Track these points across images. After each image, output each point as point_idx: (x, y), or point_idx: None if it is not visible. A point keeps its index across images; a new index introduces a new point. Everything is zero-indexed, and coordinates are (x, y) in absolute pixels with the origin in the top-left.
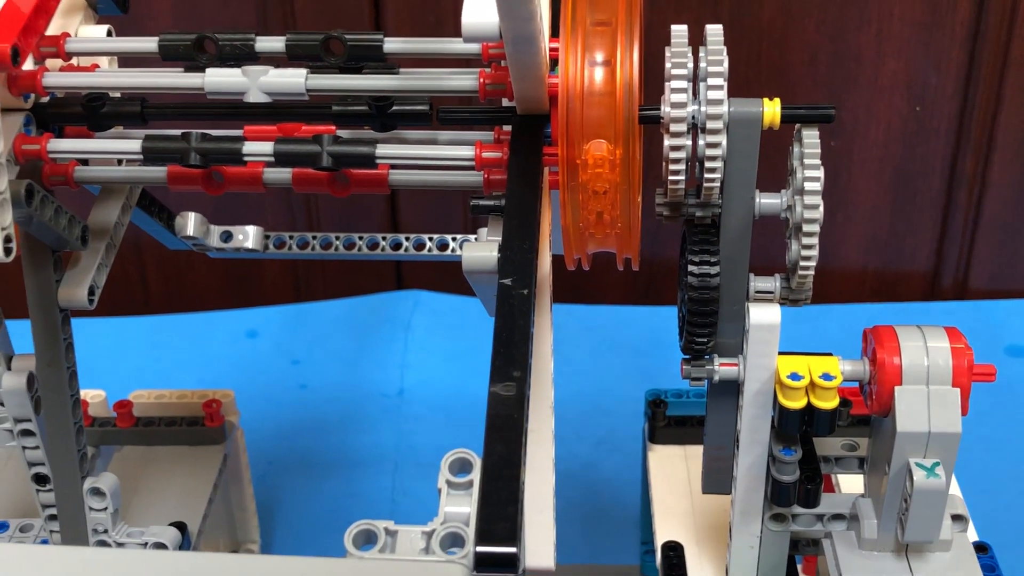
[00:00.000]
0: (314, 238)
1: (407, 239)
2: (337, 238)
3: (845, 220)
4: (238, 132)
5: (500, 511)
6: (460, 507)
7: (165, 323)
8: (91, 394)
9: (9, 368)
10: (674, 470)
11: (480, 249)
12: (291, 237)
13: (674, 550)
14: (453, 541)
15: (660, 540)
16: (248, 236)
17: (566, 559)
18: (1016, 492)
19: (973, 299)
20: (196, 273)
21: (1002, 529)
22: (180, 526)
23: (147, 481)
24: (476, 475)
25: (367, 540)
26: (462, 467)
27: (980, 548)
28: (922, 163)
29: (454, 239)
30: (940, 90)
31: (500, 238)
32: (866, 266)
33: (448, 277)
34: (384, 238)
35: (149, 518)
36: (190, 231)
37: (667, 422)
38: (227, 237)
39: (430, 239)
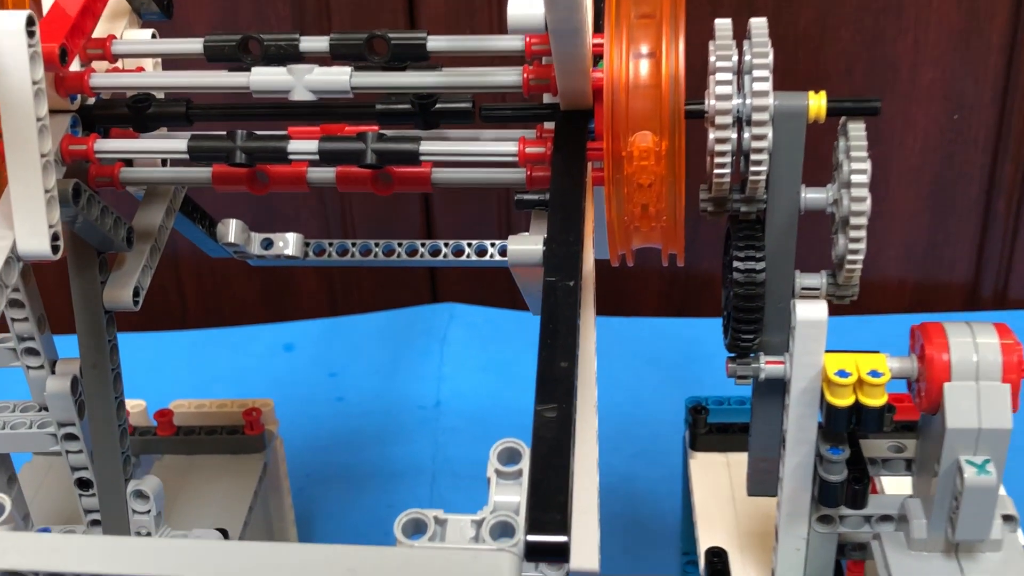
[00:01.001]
0: (353, 245)
1: (446, 245)
2: (376, 244)
3: (883, 230)
4: (283, 132)
5: (550, 500)
6: (510, 496)
7: (202, 337)
8: (131, 404)
9: (53, 372)
10: (716, 477)
11: (526, 242)
12: (331, 244)
13: (718, 556)
14: (503, 530)
15: (703, 547)
16: (289, 243)
17: (606, 570)
18: None
19: (1014, 309)
20: (232, 288)
21: None
22: (222, 532)
23: (188, 489)
24: (525, 465)
25: (416, 529)
26: (511, 457)
27: None
28: (960, 171)
29: (492, 245)
30: (978, 98)
31: (545, 233)
32: (904, 276)
33: (483, 290)
34: (423, 244)
35: (191, 524)
36: (231, 238)
37: (708, 429)
38: (268, 244)
39: (468, 245)
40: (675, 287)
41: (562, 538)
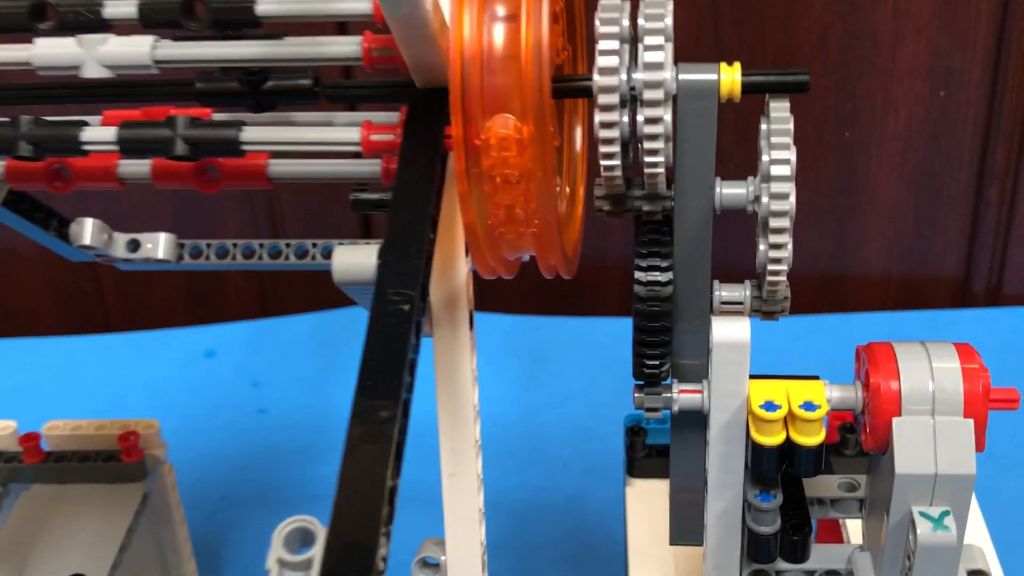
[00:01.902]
0: (235, 246)
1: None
2: (261, 245)
3: (864, 221)
4: (84, 117)
5: None
6: None
7: (120, 342)
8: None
9: None
10: (655, 508)
11: (355, 254)
12: (208, 246)
13: None
14: None
15: None
16: (159, 244)
17: None
18: None
19: (1008, 305)
20: (155, 288)
21: None
22: None
23: (55, 523)
24: (318, 553)
25: None
26: (302, 541)
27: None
28: (948, 156)
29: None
30: (966, 74)
31: None
32: (889, 271)
33: None
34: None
35: (49, 569)
36: (87, 240)
37: (647, 452)
38: (134, 246)
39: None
40: None
41: None
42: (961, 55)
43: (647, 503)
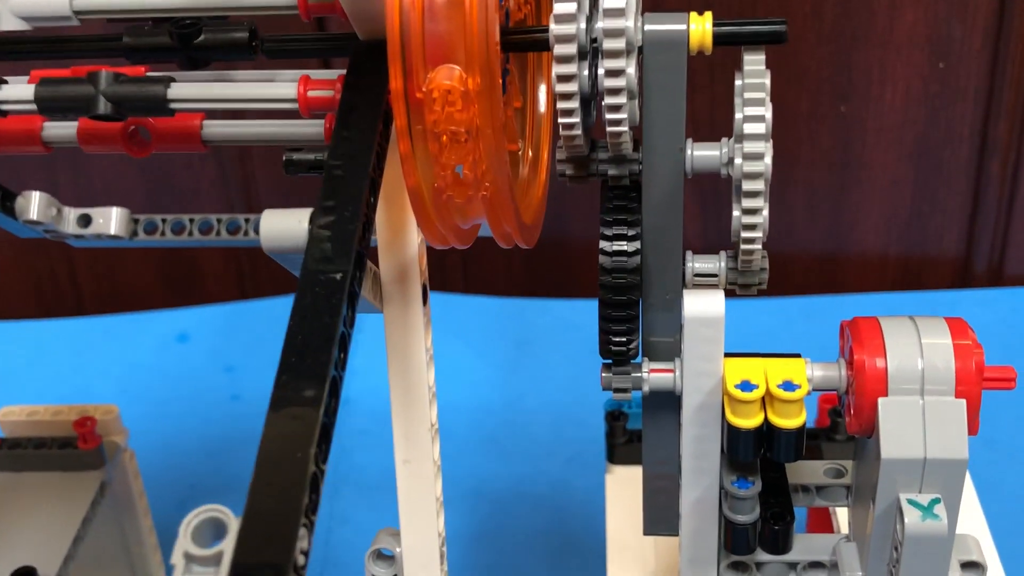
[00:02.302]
0: (191, 221)
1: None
2: (219, 220)
3: (860, 198)
4: (5, 77)
5: None
6: None
7: (93, 326)
8: None
9: None
10: (635, 496)
11: (285, 219)
12: (164, 221)
13: None
14: None
15: None
16: (111, 220)
17: None
18: None
19: (1010, 286)
20: (129, 269)
21: None
22: (28, 571)
23: (7, 515)
24: (228, 546)
25: None
26: (213, 534)
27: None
28: (948, 130)
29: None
30: (966, 44)
31: None
32: (886, 250)
33: None
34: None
35: (2, 558)
36: (33, 214)
37: (628, 437)
38: (85, 221)
39: None
40: None
41: None
42: (961, 24)
43: (628, 490)
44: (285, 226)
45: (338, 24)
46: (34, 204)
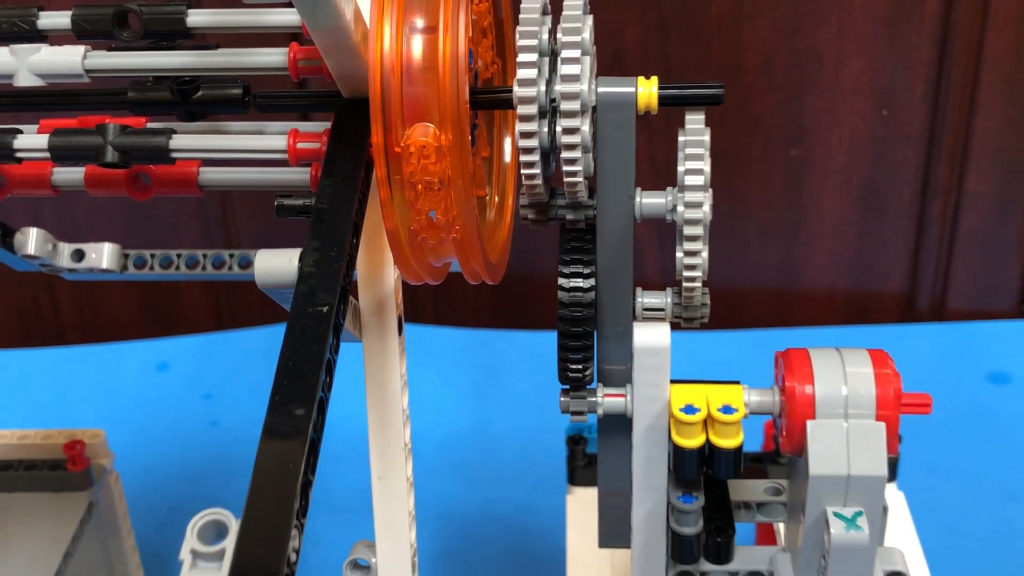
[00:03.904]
0: (179, 256)
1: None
2: (204, 256)
3: (811, 237)
4: (19, 126)
5: None
6: None
7: (73, 355)
8: None
9: None
10: (594, 515)
11: (277, 258)
12: (152, 256)
13: None
14: None
15: None
16: (103, 254)
17: None
18: (998, 535)
19: (952, 320)
20: (111, 300)
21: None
22: None
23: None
24: (230, 544)
25: None
26: (218, 533)
27: None
28: (891, 173)
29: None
30: (909, 92)
31: None
32: (834, 286)
33: None
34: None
35: None
36: (31, 249)
37: (587, 461)
38: (79, 256)
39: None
40: None
41: None
42: (903, 74)
43: (587, 509)
44: (277, 264)
45: (319, 82)
46: (32, 240)
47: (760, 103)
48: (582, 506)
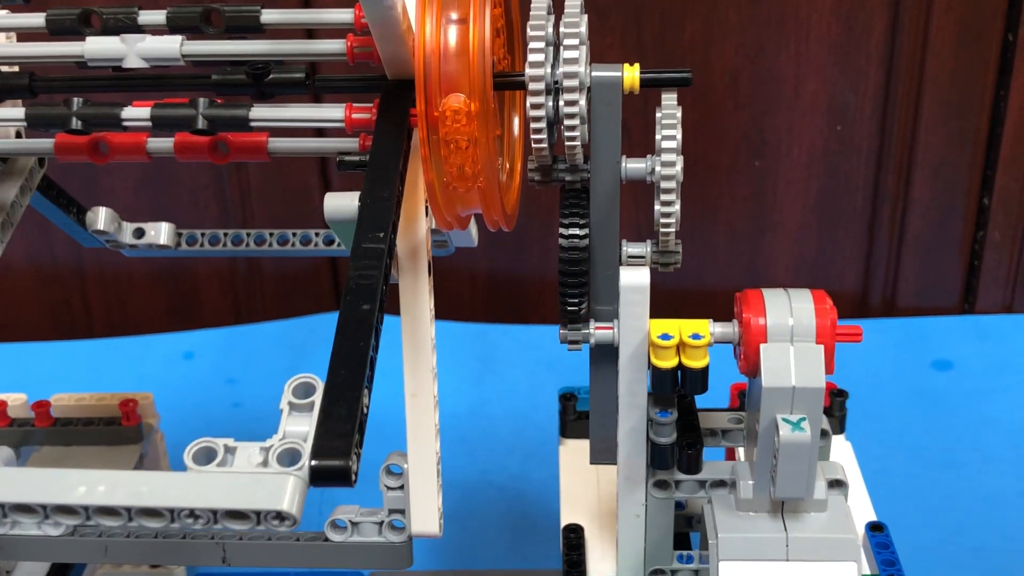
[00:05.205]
0: (226, 234)
1: (294, 235)
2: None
3: (772, 240)
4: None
5: (337, 428)
6: (300, 426)
7: (104, 346)
8: (12, 397)
9: None
10: (583, 462)
11: (342, 198)
12: (203, 234)
13: (575, 532)
14: (291, 457)
15: (563, 524)
16: (161, 232)
17: (492, 564)
18: (939, 498)
19: (901, 316)
20: (137, 298)
21: (920, 534)
22: None
23: None
24: (317, 398)
25: (207, 457)
26: (306, 392)
27: (876, 527)
28: (845, 182)
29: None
30: (859, 110)
31: None
32: (795, 285)
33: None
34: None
35: None
36: (101, 225)
37: (577, 416)
38: (139, 233)
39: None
40: None
41: (344, 462)
42: (854, 93)
43: (576, 457)
44: (343, 203)
45: (364, 69)
46: (101, 217)
47: (727, 119)
48: (572, 454)
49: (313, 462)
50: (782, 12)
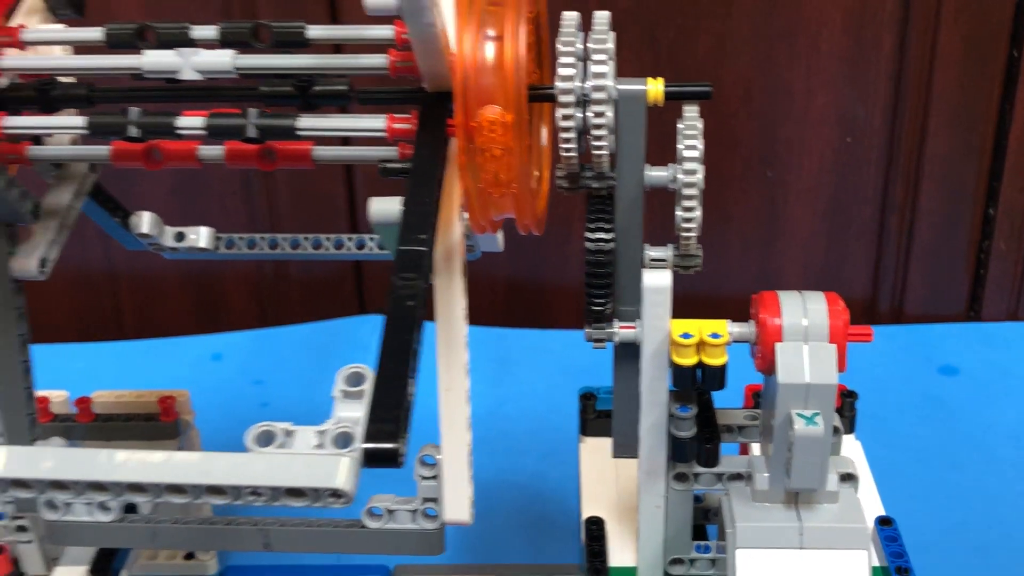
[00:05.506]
0: (262, 239)
1: (349, 239)
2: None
3: (784, 248)
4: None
5: (387, 413)
6: (351, 412)
7: (135, 348)
8: (54, 394)
9: None
10: (602, 458)
11: (387, 203)
12: (241, 238)
13: (596, 523)
14: (344, 440)
15: (584, 517)
16: (201, 236)
17: (510, 559)
18: (943, 497)
19: (909, 323)
20: (167, 302)
21: (925, 531)
22: (129, 508)
23: None
24: (368, 386)
25: (267, 439)
26: (357, 380)
27: (885, 522)
28: (855, 192)
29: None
30: (869, 122)
31: None
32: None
33: None
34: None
35: None
36: (145, 228)
37: (596, 415)
38: (180, 237)
39: (371, 239)
40: None
41: (394, 445)
42: (864, 106)
43: (596, 453)
44: (388, 207)
45: (400, 82)
46: (145, 221)
47: (740, 131)
48: (592, 451)
49: (366, 444)
50: (794, 27)
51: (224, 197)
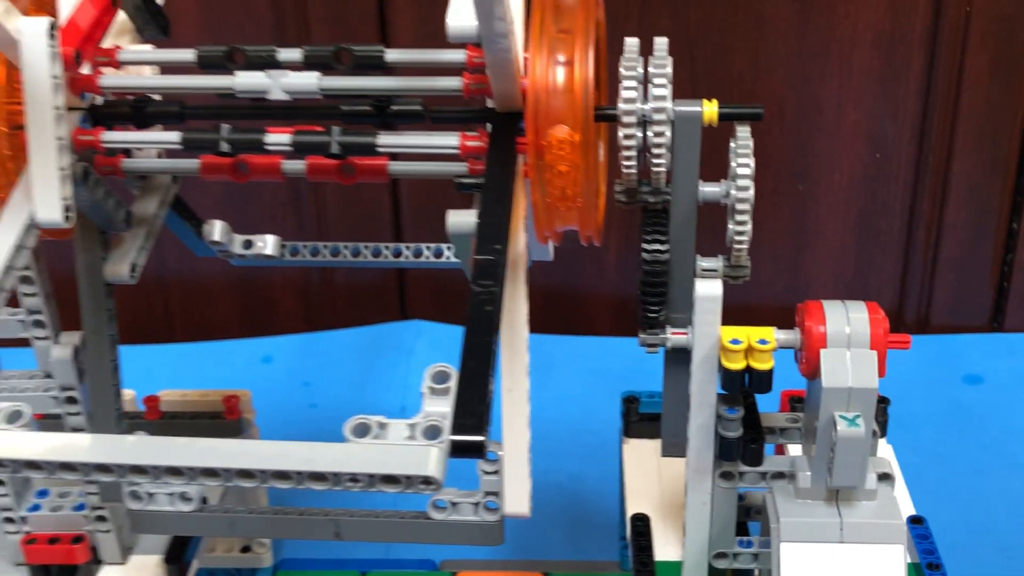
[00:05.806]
0: (325, 247)
1: (407, 247)
2: (345, 247)
3: (814, 259)
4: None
5: (472, 409)
6: (438, 407)
7: (187, 350)
8: (123, 392)
9: (58, 342)
10: (646, 458)
11: (463, 215)
12: (304, 246)
13: (641, 520)
14: (433, 432)
15: (629, 514)
16: (267, 243)
17: (551, 555)
18: (968, 501)
19: (934, 333)
20: (216, 306)
21: (951, 533)
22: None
23: None
24: (452, 384)
25: (363, 431)
26: (442, 378)
27: (916, 520)
28: (883, 206)
29: (448, 248)
30: (898, 138)
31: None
32: None
33: (448, 308)
34: (387, 247)
35: None
36: (216, 236)
37: (640, 418)
38: (248, 244)
39: (427, 247)
40: (625, 309)
41: (480, 437)
42: (893, 123)
43: (639, 455)
44: (464, 219)
45: (468, 102)
46: (217, 229)
47: (772, 146)
48: (635, 452)
49: (453, 436)
50: (827, 46)
51: (274, 207)
